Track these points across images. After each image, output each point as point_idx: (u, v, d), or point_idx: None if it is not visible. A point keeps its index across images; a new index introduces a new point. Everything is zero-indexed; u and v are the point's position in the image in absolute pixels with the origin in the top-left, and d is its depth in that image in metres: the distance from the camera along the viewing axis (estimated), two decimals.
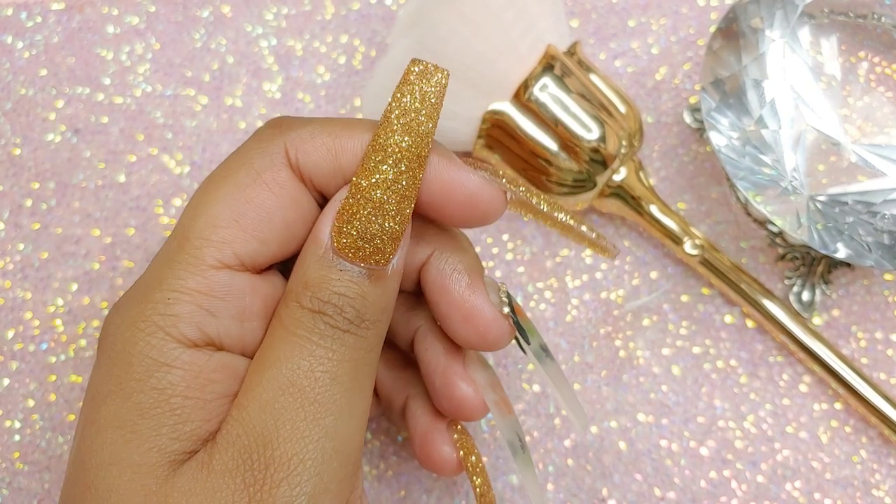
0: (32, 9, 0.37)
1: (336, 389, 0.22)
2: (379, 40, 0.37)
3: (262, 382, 0.22)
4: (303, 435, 0.21)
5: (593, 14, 0.38)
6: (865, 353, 0.34)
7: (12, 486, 0.33)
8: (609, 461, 0.33)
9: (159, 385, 0.21)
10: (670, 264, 0.35)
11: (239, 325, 0.22)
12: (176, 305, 0.22)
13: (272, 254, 0.23)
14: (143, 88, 0.37)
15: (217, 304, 0.22)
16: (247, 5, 0.37)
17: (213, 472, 0.21)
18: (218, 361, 0.22)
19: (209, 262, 0.22)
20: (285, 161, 0.23)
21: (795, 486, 0.33)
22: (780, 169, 0.30)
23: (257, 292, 0.23)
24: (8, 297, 0.34)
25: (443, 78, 0.23)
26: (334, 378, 0.22)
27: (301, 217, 0.23)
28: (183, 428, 0.21)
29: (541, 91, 0.32)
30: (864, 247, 0.30)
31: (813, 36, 0.32)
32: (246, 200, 0.22)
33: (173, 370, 0.21)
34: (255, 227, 0.22)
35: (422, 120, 0.22)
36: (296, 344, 0.22)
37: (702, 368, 0.34)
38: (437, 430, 0.27)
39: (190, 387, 0.21)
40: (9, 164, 0.36)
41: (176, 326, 0.21)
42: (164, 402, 0.21)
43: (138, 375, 0.21)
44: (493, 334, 0.24)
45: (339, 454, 0.22)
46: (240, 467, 0.21)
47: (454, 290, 0.24)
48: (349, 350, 0.22)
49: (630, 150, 0.33)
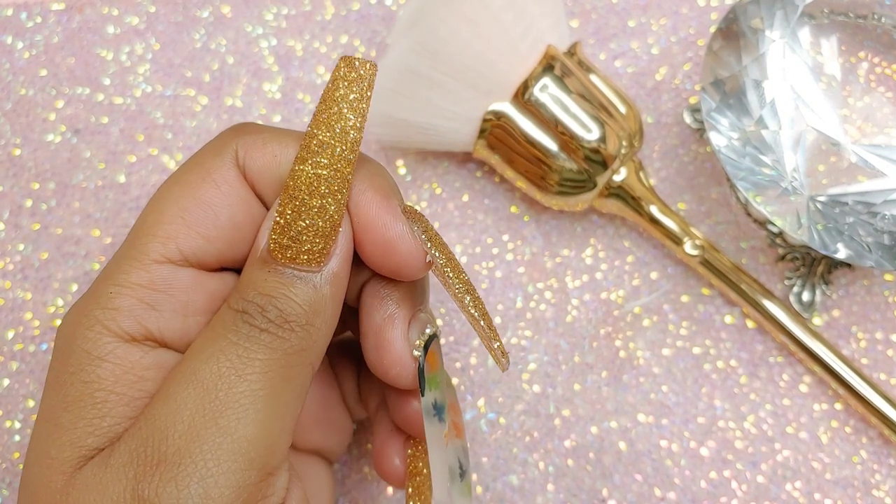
0: (32, 9, 0.37)
1: (242, 388, 0.21)
2: (379, 40, 0.37)
3: (174, 376, 0.21)
4: (198, 432, 0.20)
5: (593, 14, 0.38)
6: (865, 353, 0.34)
7: (12, 486, 0.33)
8: (609, 461, 0.33)
9: (87, 378, 0.21)
10: (670, 265, 0.35)
11: (181, 320, 0.22)
12: (117, 299, 0.21)
13: (218, 252, 0.23)
14: (143, 89, 0.37)
15: (158, 298, 0.22)
16: (247, 5, 0.37)
17: (109, 466, 0.20)
18: (153, 359, 0.22)
19: (153, 256, 0.22)
20: (234, 162, 0.23)
21: (796, 486, 0.33)
22: (780, 169, 0.30)
23: (202, 288, 0.22)
24: (8, 297, 0.34)
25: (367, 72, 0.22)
26: (241, 377, 0.21)
27: (250, 219, 0.23)
28: (101, 423, 0.21)
29: (541, 91, 0.32)
30: (865, 247, 0.30)
31: (813, 36, 0.32)
32: (193, 197, 0.22)
33: (103, 364, 0.21)
34: (199, 224, 0.22)
35: (348, 115, 0.22)
36: (213, 341, 0.21)
37: (702, 369, 0.34)
38: (394, 441, 0.27)
39: (118, 382, 0.21)
40: (9, 165, 0.36)
41: (115, 320, 0.21)
42: (88, 396, 0.21)
43: (72, 369, 0.21)
44: (396, 371, 0.24)
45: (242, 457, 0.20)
46: (133, 462, 0.20)
47: (377, 315, 0.24)
48: (263, 350, 0.21)
49: (630, 150, 0.33)
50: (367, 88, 0.22)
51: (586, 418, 0.34)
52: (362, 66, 0.22)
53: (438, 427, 0.25)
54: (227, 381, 0.20)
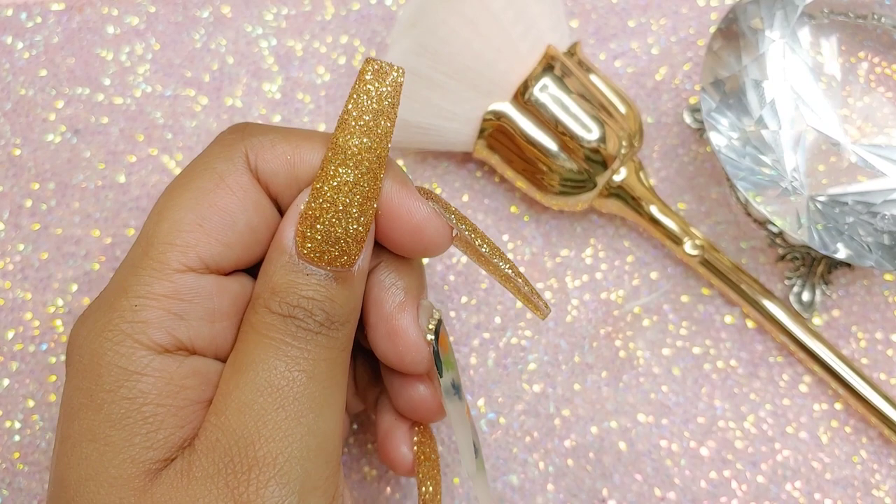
0: (32, 9, 0.37)
1: (314, 387, 0.22)
2: (379, 40, 0.37)
3: (240, 385, 0.21)
4: (286, 433, 0.21)
5: (593, 14, 0.38)
6: (865, 353, 0.34)
7: (12, 486, 0.33)
8: (609, 461, 0.33)
9: (130, 394, 0.21)
10: (670, 264, 0.35)
11: (209, 327, 0.22)
12: (143, 311, 0.21)
13: (236, 257, 0.23)
14: (143, 89, 0.37)
15: (185, 307, 0.22)
16: (247, 5, 0.37)
17: (193, 478, 0.20)
18: (189, 367, 0.22)
19: (174, 266, 0.22)
20: (246, 166, 0.23)
21: (796, 486, 0.33)
22: (780, 169, 0.30)
23: (225, 293, 0.23)
24: (8, 297, 0.34)
25: (399, 76, 0.22)
26: (311, 377, 0.22)
27: (264, 222, 0.23)
28: (156, 436, 0.21)
29: (541, 91, 0.32)
30: (865, 247, 0.30)
31: (813, 36, 0.32)
32: (209, 204, 0.22)
33: (144, 378, 0.21)
34: (218, 231, 0.22)
35: (379, 121, 0.22)
36: (269, 346, 0.22)
37: (702, 369, 0.34)
38: (399, 429, 0.27)
39: (162, 394, 0.21)
40: (9, 165, 0.36)
41: (145, 332, 0.21)
42: (136, 412, 0.21)
43: (108, 386, 0.21)
44: (411, 356, 0.24)
45: (323, 451, 0.22)
46: (221, 471, 0.20)
47: (386, 304, 0.24)
48: (322, 350, 0.22)
49: (630, 150, 0.33)
50: (397, 94, 0.22)
51: (586, 418, 0.34)
52: (392, 70, 0.22)
53: (459, 405, 0.26)
54: (300, 383, 0.21)
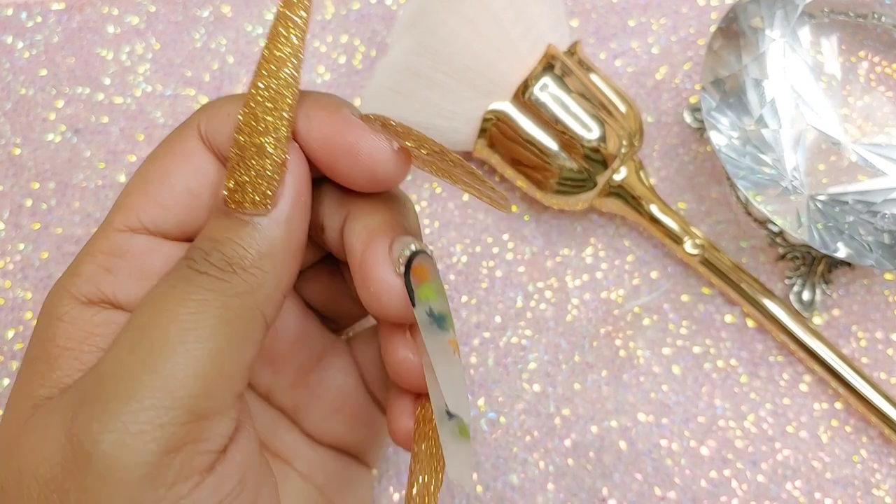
0: (32, 9, 0.37)
1: (174, 329, 0.20)
2: (379, 40, 0.37)
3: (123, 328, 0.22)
4: (129, 372, 0.20)
5: (593, 14, 0.38)
6: (866, 352, 0.35)
7: None
8: (609, 461, 0.33)
9: (45, 336, 0.22)
10: (670, 264, 0.35)
11: (136, 284, 0.23)
12: (80, 266, 0.23)
13: (176, 219, 0.23)
14: (143, 88, 0.37)
15: (115, 263, 0.23)
16: (247, 5, 0.37)
17: (53, 410, 0.21)
18: (104, 317, 0.22)
19: (115, 226, 0.23)
20: (196, 133, 0.23)
21: (796, 485, 0.33)
22: (780, 168, 0.30)
23: (159, 253, 0.23)
24: (8, 297, 0.34)
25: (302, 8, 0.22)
26: (174, 318, 0.20)
27: (207, 184, 0.23)
28: (50, 375, 0.22)
29: (541, 91, 0.32)
30: (865, 246, 0.30)
31: (813, 35, 0.32)
32: (154, 169, 0.23)
33: (59, 323, 0.22)
34: (157, 193, 0.23)
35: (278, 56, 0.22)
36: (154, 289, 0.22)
37: (702, 368, 0.34)
38: (401, 402, 0.25)
39: (70, 338, 0.22)
40: (9, 164, 0.36)
41: (75, 285, 0.23)
42: (44, 353, 0.22)
43: (37, 331, 0.23)
44: (387, 296, 0.22)
45: (164, 396, 0.20)
46: (72, 405, 0.20)
47: (356, 249, 0.23)
48: (200, 291, 0.21)
49: (630, 149, 0.33)
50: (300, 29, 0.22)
51: (586, 417, 0.34)
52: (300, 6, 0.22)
53: (440, 335, 0.22)
54: (161, 322, 0.20)
